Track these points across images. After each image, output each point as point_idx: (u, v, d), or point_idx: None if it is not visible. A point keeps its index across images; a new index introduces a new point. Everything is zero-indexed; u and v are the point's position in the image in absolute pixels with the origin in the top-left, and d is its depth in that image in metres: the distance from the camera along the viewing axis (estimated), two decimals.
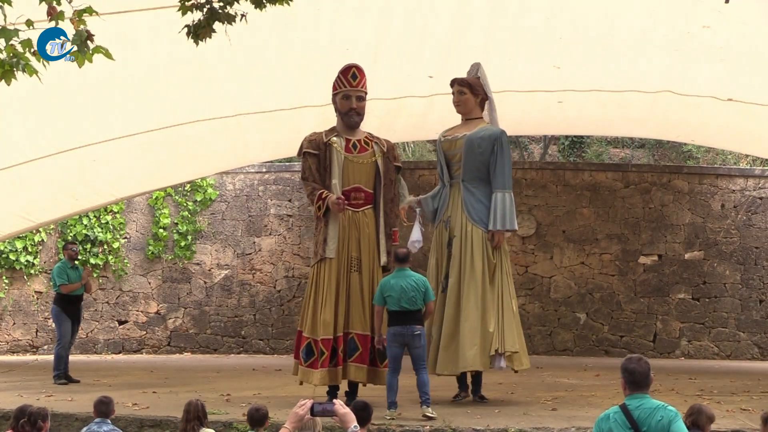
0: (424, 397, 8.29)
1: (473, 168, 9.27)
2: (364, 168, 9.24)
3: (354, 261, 9.06)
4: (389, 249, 9.17)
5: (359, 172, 9.21)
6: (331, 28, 9.82)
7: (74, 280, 11.38)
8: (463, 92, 9.44)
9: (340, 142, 9.22)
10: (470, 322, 8.93)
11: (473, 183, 9.28)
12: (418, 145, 19.89)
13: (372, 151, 9.29)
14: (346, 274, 9.04)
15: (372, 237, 9.19)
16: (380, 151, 9.33)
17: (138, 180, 13.34)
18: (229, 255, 15.27)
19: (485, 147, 9.21)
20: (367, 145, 9.32)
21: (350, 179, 9.18)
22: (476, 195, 9.25)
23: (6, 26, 5.13)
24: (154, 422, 8.17)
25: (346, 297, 9.00)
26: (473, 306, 8.97)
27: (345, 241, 9.06)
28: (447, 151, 9.46)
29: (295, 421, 4.62)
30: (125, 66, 8.94)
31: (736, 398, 9.56)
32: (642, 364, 4.63)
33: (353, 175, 9.19)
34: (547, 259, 14.72)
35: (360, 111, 9.29)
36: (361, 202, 9.19)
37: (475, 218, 9.20)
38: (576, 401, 9.34)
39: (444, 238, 9.39)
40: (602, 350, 14.61)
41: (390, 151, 9.43)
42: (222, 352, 15.06)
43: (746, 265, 14.67)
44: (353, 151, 9.22)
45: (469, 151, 9.25)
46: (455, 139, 9.42)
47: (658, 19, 9.60)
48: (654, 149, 19.99)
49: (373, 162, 9.28)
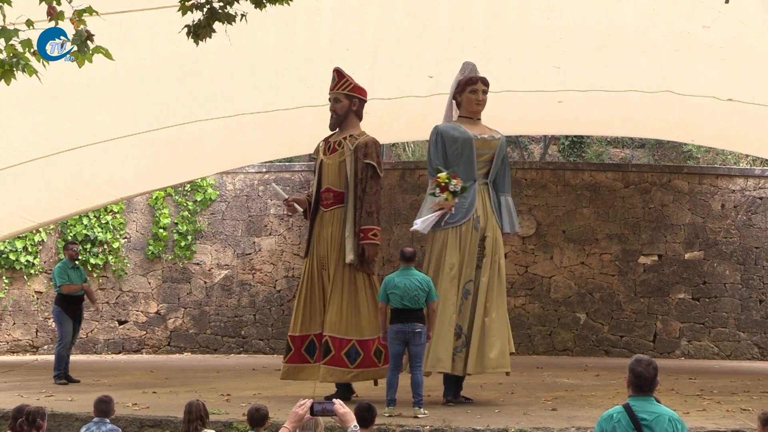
0: (417, 398, 8.32)
1: (496, 171, 9.39)
2: (333, 168, 9.48)
3: (323, 260, 9.40)
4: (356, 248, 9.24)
5: (329, 172, 9.50)
6: (331, 28, 9.83)
7: (75, 281, 11.37)
8: (486, 92, 9.45)
9: (323, 145, 9.64)
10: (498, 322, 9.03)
11: (491, 185, 9.42)
12: (418, 145, 19.89)
13: (341, 150, 9.48)
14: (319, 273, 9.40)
15: (336, 235, 9.38)
16: (349, 150, 9.45)
17: (138, 180, 13.34)
18: (229, 255, 15.27)
19: (505, 152, 9.48)
20: (339, 146, 9.51)
21: (323, 180, 9.52)
22: (494, 198, 9.40)
23: (6, 26, 5.13)
24: (154, 422, 8.17)
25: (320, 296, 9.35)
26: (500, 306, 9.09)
27: (316, 240, 9.49)
28: (479, 149, 9.29)
29: (295, 420, 4.62)
30: (125, 66, 8.94)
31: (736, 398, 9.56)
32: (650, 369, 4.59)
33: (325, 176, 9.52)
34: (547, 259, 14.72)
35: (338, 111, 9.56)
36: (330, 201, 9.47)
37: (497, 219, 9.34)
38: (576, 401, 9.34)
39: (473, 237, 9.18)
40: (602, 350, 14.61)
41: (360, 148, 9.40)
42: (222, 352, 15.06)
43: (746, 265, 14.67)
44: (327, 153, 9.57)
45: (500, 155, 9.37)
46: (491, 139, 9.35)
47: (658, 19, 9.60)
48: (654, 149, 20.00)
49: (341, 162, 9.46)
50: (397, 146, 19.57)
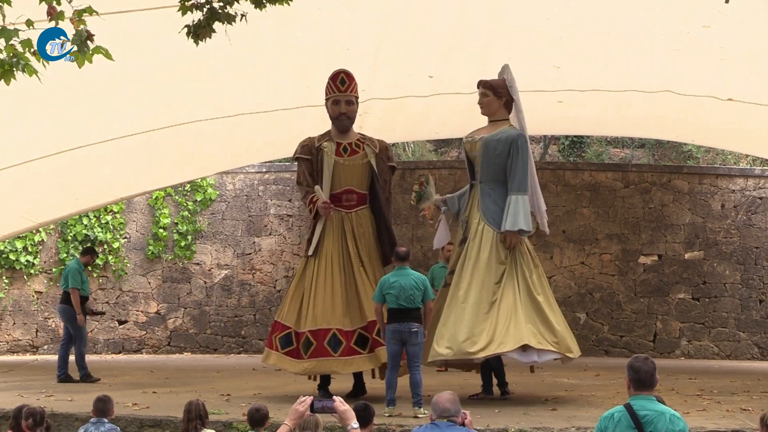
0: (416, 398, 8.32)
1: (490, 170, 9.32)
2: (356, 170, 9.48)
3: (347, 259, 9.32)
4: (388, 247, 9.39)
5: (351, 174, 9.47)
6: (331, 28, 9.83)
7: (85, 288, 11.49)
8: (486, 94, 9.46)
9: (331, 147, 9.52)
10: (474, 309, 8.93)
11: (490, 185, 9.32)
12: (418, 145, 19.90)
13: (364, 152, 9.52)
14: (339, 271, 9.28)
15: (368, 235, 9.43)
16: (372, 153, 9.55)
17: (138, 180, 13.35)
18: (229, 255, 15.27)
19: (501, 149, 9.23)
20: (359, 148, 9.55)
21: (342, 182, 9.46)
22: (492, 197, 9.28)
23: (6, 26, 5.13)
24: (154, 422, 8.16)
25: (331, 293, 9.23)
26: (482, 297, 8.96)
27: (336, 241, 9.38)
28: (469, 152, 9.55)
29: (295, 417, 4.62)
30: (125, 66, 8.93)
31: (736, 398, 9.56)
32: (648, 363, 4.61)
33: (344, 177, 9.47)
34: (547, 259, 14.71)
35: (350, 114, 9.57)
36: (354, 203, 9.48)
37: (488, 219, 9.23)
38: (576, 401, 9.34)
39: (459, 237, 9.52)
40: (602, 350, 14.61)
41: (383, 151, 9.64)
42: (222, 352, 15.06)
43: (746, 265, 14.67)
44: (344, 155, 9.49)
45: (486, 153, 9.31)
46: (474, 141, 9.47)
47: (657, 19, 9.60)
48: (654, 149, 19.99)
49: (366, 163, 9.50)
50: (397, 146, 19.56)
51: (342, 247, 9.36)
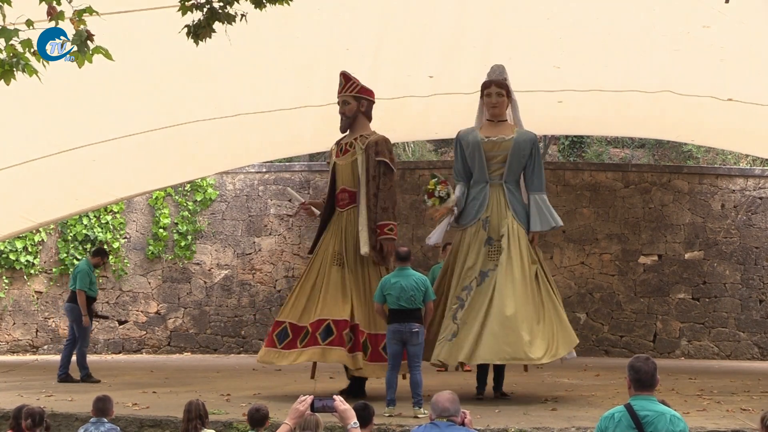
0: (416, 398, 8.32)
1: (516, 171, 9.48)
2: (347, 169, 9.63)
3: (336, 256, 9.45)
4: (374, 243, 9.33)
5: (344, 173, 9.65)
6: (331, 28, 9.82)
7: (93, 290, 11.48)
8: (501, 94, 9.51)
9: (336, 148, 9.81)
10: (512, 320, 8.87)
11: (513, 185, 9.50)
12: (418, 145, 19.90)
13: (353, 150, 9.61)
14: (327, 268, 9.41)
15: (354, 233, 9.48)
16: (360, 149, 9.56)
17: (138, 180, 13.35)
18: (229, 255, 15.27)
19: (527, 150, 9.46)
20: (351, 146, 9.65)
21: (339, 181, 9.68)
22: (516, 196, 9.48)
23: (6, 26, 5.13)
24: (154, 422, 8.16)
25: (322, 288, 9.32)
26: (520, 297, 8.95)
27: (328, 239, 9.59)
28: (488, 151, 9.47)
29: (295, 416, 4.62)
30: (125, 66, 8.93)
31: (736, 398, 9.56)
32: (649, 363, 4.61)
33: (340, 177, 9.68)
34: (547, 259, 14.70)
35: (347, 114, 9.70)
36: (347, 201, 9.62)
37: (521, 219, 9.36)
38: (576, 401, 9.34)
39: (481, 237, 9.33)
40: (602, 350, 14.61)
41: (371, 146, 9.55)
42: (222, 352, 15.06)
43: (746, 265, 14.67)
44: (341, 155, 9.71)
45: (515, 154, 9.42)
46: (501, 141, 9.45)
47: (657, 19, 9.60)
48: (654, 149, 19.99)
49: (354, 161, 9.58)
50: (397, 146, 19.55)
51: (333, 245, 9.53)
